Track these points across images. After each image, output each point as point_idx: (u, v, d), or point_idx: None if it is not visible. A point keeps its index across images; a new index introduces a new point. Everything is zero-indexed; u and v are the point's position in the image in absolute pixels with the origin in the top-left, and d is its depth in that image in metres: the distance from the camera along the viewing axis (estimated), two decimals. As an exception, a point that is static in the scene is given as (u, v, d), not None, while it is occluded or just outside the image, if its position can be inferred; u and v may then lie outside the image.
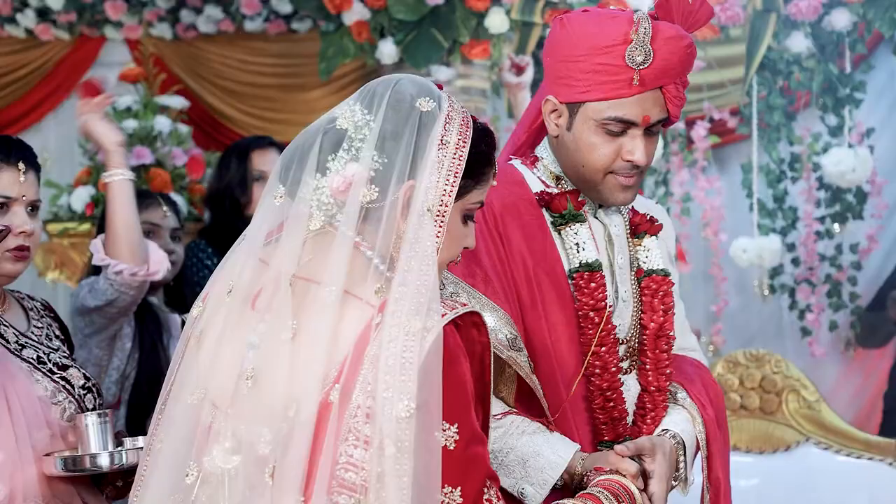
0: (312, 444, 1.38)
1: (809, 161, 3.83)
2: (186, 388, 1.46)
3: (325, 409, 1.39)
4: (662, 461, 1.82)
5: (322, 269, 1.43)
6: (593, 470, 1.78)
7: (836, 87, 3.79)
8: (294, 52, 4.63)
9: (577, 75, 1.84)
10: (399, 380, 1.37)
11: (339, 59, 4.08)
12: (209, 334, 1.48)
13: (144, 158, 3.84)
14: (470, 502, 1.41)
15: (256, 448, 1.40)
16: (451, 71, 3.97)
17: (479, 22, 3.87)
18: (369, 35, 3.96)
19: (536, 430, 1.84)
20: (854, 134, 3.78)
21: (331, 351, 1.40)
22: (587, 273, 1.86)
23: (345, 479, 1.37)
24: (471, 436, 1.42)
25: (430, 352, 1.38)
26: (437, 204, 1.46)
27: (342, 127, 1.47)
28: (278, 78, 4.69)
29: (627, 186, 1.87)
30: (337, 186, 1.45)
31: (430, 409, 1.38)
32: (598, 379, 1.85)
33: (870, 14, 3.68)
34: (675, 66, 1.84)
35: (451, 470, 1.40)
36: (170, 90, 4.29)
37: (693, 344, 2.08)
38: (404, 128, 1.46)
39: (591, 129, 1.85)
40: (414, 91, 1.49)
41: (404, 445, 1.36)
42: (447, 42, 3.89)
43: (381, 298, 1.42)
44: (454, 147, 1.47)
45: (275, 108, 4.72)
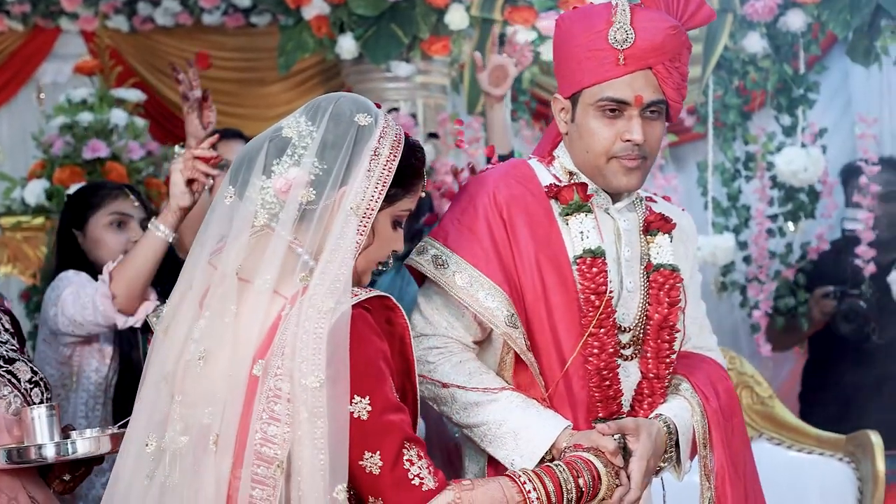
0: (244, 415, 1.58)
1: (763, 160, 3.88)
2: (152, 376, 1.66)
3: (252, 383, 1.59)
4: (646, 441, 1.91)
5: (258, 269, 1.62)
6: (572, 446, 1.86)
7: (791, 88, 3.84)
8: (253, 47, 4.60)
9: (573, 66, 1.98)
10: (311, 353, 1.55)
11: (298, 54, 4.06)
12: (172, 328, 1.67)
13: (100, 152, 3.80)
14: (390, 464, 1.59)
15: (202, 421, 1.59)
16: (411, 67, 3.97)
17: (439, 18, 3.87)
18: (329, 30, 3.95)
19: (530, 406, 1.94)
20: (807, 134, 3.84)
21: (259, 333, 1.60)
22: (589, 259, 1.97)
23: (262, 454, 1.56)
24: (384, 406, 1.60)
25: (336, 327, 1.56)
26: (363, 206, 1.65)
27: (287, 135, 1.67)
28: (237, 72, 4.67)
29: (630, 169, 1.98)
30: (280, 187, 1.64)
31: (338, 380, 1.56)
32: (596, 359, 1.94)
33: (824, 15, 3.73)
34: (660, 46, 1.94)
35: (367, 437, 1.58)
36: (126, 83, 4.25)
37: (711, 345, 2.17)
38: (343, 139, 1.66)
39: (590, 114, 1.97)
40: (354, 107, 1.69)
41: (317, 411, 1.54)
42: (407, 38, 3.88)
43: (302, 285, 1.61)
44: (385, 159, 1.68)
45: (234, 102, 4.69)
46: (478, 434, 1.96)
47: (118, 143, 3.87)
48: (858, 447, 3.05)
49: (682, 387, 2.04)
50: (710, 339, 2.17)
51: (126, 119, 3.91)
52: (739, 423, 2.07)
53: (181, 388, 1.62)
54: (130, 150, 3.89)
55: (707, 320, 2.18)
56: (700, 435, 2.00)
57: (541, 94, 4.31)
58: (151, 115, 4.38)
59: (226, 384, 1.59)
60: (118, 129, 3.89)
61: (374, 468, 1.59)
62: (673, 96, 1.97)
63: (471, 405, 1.95)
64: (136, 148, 3.89)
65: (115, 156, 3.84)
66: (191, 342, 1.63)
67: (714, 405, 2.02)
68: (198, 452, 1.59)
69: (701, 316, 2.15)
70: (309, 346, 1.56)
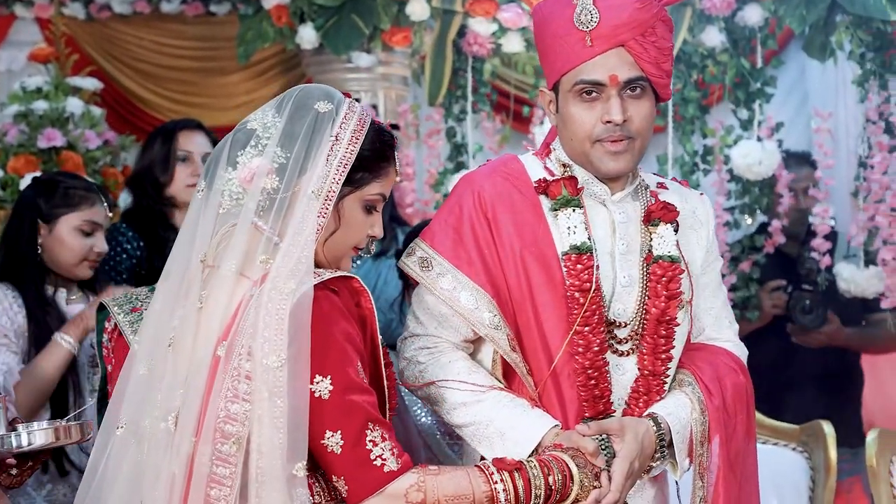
0: (206, 395, 1.61)
1: (721, 153, 3.92)
2: (137, 363, 1.70)
3: (215, 363, 1.62)
4: (632, 442, 1.87)
5: (224, 255, 1.67)
6: (551, 447, 1.84)
7: (748, 82, 3.87)
8: (212, 36, 4.56)
9: (550, 56, 1.97)
10: (273, 333, 1.59)
11: (258, 44, 4.03)
12: (150, 316, 1.74)
13: (55, 141, 3.75)
14: (351, 443, 1.61)
15: (174, 404, 1.63)
16: (372, 58, 3.95)
17: (400, 9, 3.86)
18: (289, 19, 3.92)
19: (518, 406, 1.91)
20: (764, 128, 3.88)
21: (223, 316, 1.64)
22: (574, 255, 1.93)
23: (223, 430, 1.59)
24: (346, 386, 1.62)
25: (297, 307, 1.59)
26: (323, 189, 1.68)
27: (252, 127, 1.72)
28: (196, 61, 4.62)
29: (615, 152, 1.94)
30: (244, 177, 1.69)
31: (299, 359, 1.58)
32: (581, 357, 1.92)
33: (781, 11, 3.77)
34: (627, 21, 1.91)
35: (328, 416, 1.60)
36: (82, 71, 4.19)
37: (728, 336, 2.10)
38: (302, 126, 1.70)
39: (570, 100, 1.95)
40: (316, 95, 1.74)
41: (277, 390, 1.58)
42: (368, 28, 3.86)
43: (265, 269, 1.64)
44: (346, 143, 1.71)
45: (193, 91, 4.65)
46: (467, 434, 1.94)
47: (74, 133, 3.82)
48: (811, 437, 3.10)
49: (686, 381, 1.99)
50: (728, 331, 2.10)
51: (82, 108, 3.86)
52: (744, 419, 2.01)
53: (159, 375, 1.66)
54: (87, 139, 3.83)
55: (727, 311, 2.11)
56: (698, 433, 1.95)
57: (502, 86, 4.32)
58: (108, 104, 4.33)
59: (190, 366, 1.63)
60: (74, 117, 3.84)
61: (335, 447, 1.61)
62: (652, 71, 1.93)
63: (459, 405, 1.93)
64: (92, 137, 3.84)
65: (70, 145, 3.79)
66: (163, 330, 1.68)
67: (717, 402, 1.97)
68: (166, 435, 1.63)
69: (718, 306, 2.09)
70: (271, 327, 1.59)
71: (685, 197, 2.07)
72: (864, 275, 3.82)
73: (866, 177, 3.86)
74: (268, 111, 1.74)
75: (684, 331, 2.00)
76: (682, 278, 1.99)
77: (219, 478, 1.59)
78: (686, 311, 2.00)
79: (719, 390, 1.99)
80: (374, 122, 1.78)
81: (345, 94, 1.78)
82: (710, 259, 2.09)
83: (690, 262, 2.03)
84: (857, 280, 3.83)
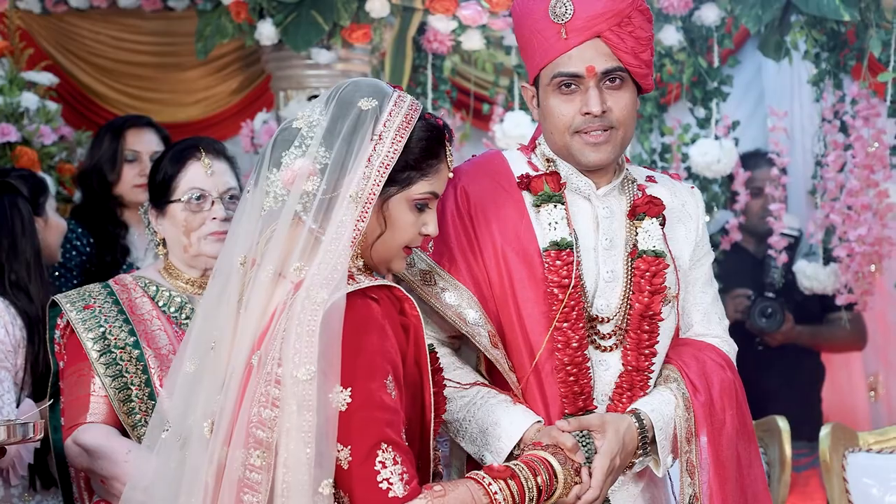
0: (238, 402, 1.59)
1: (679, 151, 3.95)
2: (185, 359, 1.68)
3: (249, 371, 1.60)
4: (613, 438, 1.87)
5: (265, 257, 1.64)
6: (531, 444, 1.83)
7: (705, 81, 3.91)
8: (171, 31, 4.51)
9: (528, 51, 1.96)
10: (304, 345, 1.55)
11: (216, 39, 4.00)
12: (197, 315, 1.72)
13: (10, 136, 3.70)
14: (359, 461, 1.56)
15: (210, 409, 1.62)
16: (332, 54, 3.94)
17: (359, 6, 3.85)
18: (248, 15, 3.90)
19: (500, 402, 1.92)
20: (721, 126, 3.92)
21: (259, 322, 1.61)
22: (554, 251, 1.93)
23: (256, 436, 1.57)
24: (366, 401, 1.56)
25: (327, 319, 1.55)
26: (364, 193, 1.62)
27: (297, 126, 1.67)
28: (154, 56, 4.56)
29: (595, 143, 1.93)
30: (287, 178, 1.64)
31: (329, 373, 1.55)
32: (561, 353, 1.91)
33: (737, 10, 3.81)
34: (602, 12, 1.90)
35: (341, 430, 1.56)
36: (38, 66, 4.13)
37: (718, 332, 2.09)
38: (344, 125, 1.64)
39: (550, 94, 1.95)
40: (361, 91, 1.67)
41: (306, 404, 1.54)
42: (327, 25, 3.85)
43: (300, 276, 1.60)
44: (390, 142, 1.64)
45: (151, 87, 4.60)
46: (452, 429, 1.95)
47: (29, 128, 3.77)
48: (767, 432, 3.13)
49: (672, 377, 1.98)
50: (717, 327, 2.09)
51: (37, 103, 3.81)
52: (734, 416, 2.00)
53: (202, 376, 1.65)
54: (42, 134, 3.79)
55: (717, 306, 2.10)
56: (682, 430, 1.94)
57: (462, 83, 4.32)
58: (64, 99, 4.27)
59: (227, 370, 1.61)
60: (29, 112, 3.79)
61: (343, 462, 1.57)
62: (630, 62, 1.91)
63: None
64: (47, 132, 3.80)
65: (25, 140, 3.74)
66: (207, 330, 1.67)
67: (703, 398, 1.96)
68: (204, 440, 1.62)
69: (708, 301, 2.07)
70: (302, 338, 1.55)
71: (674, 191, 2.06)
72: (824, 272, 3.88)
73: (822, 175, 3.92)
74: (315, 108, 1.68)
75: (670, 326, 2.00)
76: (668, 273, 1.98)
77: (252, 483, 1.56)
78: (672, 307, 1.99)
79: (706, 386, 1.98)
80: (424, 116, 1.71)
81: (395, 87, 1.71)
82: (700, 254, 2.08)
83: (678, 256, 2.02)
84: (817, 277, 3.89)
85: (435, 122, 1.72)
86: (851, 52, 3.88)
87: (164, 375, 2.17)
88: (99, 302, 2.24)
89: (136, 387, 2.18)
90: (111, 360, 2.19)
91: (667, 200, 2.02)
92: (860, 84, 3.80)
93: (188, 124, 4.41)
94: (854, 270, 3.76)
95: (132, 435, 2.18)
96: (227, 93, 4.53)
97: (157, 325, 2.23)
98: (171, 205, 2.26)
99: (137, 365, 2.19)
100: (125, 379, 2.18)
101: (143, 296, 2.26)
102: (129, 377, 2.18)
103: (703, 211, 2.10)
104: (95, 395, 2.19)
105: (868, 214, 3.73)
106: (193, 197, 2.25)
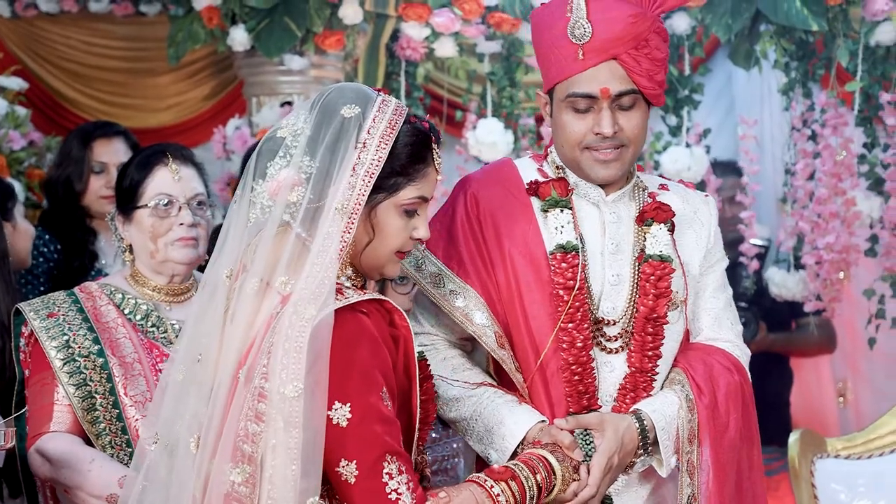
0: (224, 416, 1.58)
1: (651, 159, 3.97)
2: (175, 368, 1.67)
3: (235, 385, 1.59)
4: (612, 437, 1.91)
5: (250, 269, 1.63)
6: (531, 443, 1.88)
7: (677, 89, 3.94)
8: (142, 36, 4.49)
9: (545, 63, 2.00)
10: (292, 361, 1.54)
11: (188, 45, 3.98)
12: (187, 324, 1.71)
13: (-23, 141, 3.66)
14: (364, 474, 1.56)
15: (196, 422, 1.61)
16: (305, 60, 3.93)
17: (332, 12, 3.84)
18: (220, 21, 3.88)
19: (506, 402, 1.97)
20: (692, 134, 3.94)
21: (246, 335, 1.60)
22: (560, 254, 1.97)
23: (242, 451, 1.56)
24: (365, 414, 1.57)
25: (315, 335, 1.54)
26: (348, 203, 1.60)
27: (281, 136, 1.65)
28: (126, 62, 4.54)
29: (605, 161, 1.98)
30: (272, 189, 1.62)
31: (316, 390, 1.54)
32: (566, 353, 1.96)
33: (707, 19, 3.84)
34: (620, 35, 1.91)
35: (345, 445, 1.56)
36: (7, 70, 4.10)
37: (729, 336, 2.11)
38: (328, 133, 1.62)
39: (563, 109, 1.98)
40: (344, 98, 1.65)
41: (293, 420, 1.53)
42: (300, 31, 3.84)
43: (285, 290, 1.58)
44: (374, 150, 1.62)
45: (122, 92, 4.57)
46: (460, 428, 2.00)
47: (-2, 133, 3.73)
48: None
49: (677, 380, 2.02)
50: (729, 332, 2.12)
51: (6, 108, 3.77)
52: (738, 419, 2.02)
53: (189, 387, 1.64)
54: (11, 139, 3.75)
55: (729, 311, 2.12)
56: (685, 431, 1.97)
57: (435, 90, 4.32)
58: (34, 104, 4.23)
59: (214, 383, 1.60)
60: (-2, 117, 3.76)
61: (349, 477, 1.57)
62: (644, 84, 1.94)
63: (452, 400, 1.99)
64: (16, 138, 3.76)
65: (-7, 146, 3.71)
66: (194, 341, 1.66)
67: (707, 401, 1.99)
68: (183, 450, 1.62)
69: (719, 307, 2.10)
70: (290, 354, 1.54)
71: (687, 198, 2.10)
72: (794, 279, 3.92)
73: (791, 183, 3.95)
74: (300, 116, 1.66)
75: (678, 330, 2.04)
76: (675, 278, 2.02)
77: (240, 496, 1.56)
78: (680, 311, 2.03)
79: (711, 389, 2.01)
80: (410, 120, 1.69)
81: (379, 91, 1.70)
82: (712, 260, 2.11)
83: (687, 262, 2.06)
84: (787, 284, 3.93)
85: (421, 125, 1.71)
86: (820, 61, 3.92)
87: (129, 384, 2.15)
88: (63, 310, 2.22)
89: (100, 395, 2.15)
90: (75, 369, 2.16)
91: (678, 207, 2.06)
92: (828, 93, 3.85)
93: (160, 130, 4.38)
94: (823, 278, 3.80)
95: (96, 444, 2.15)
96: (199, 98, 4.51)
97: (122, 334, 2.20)
98: (137, 210, 2.24)
99: (102, 373, 2.16)
100: (89, 387, 2.15)
101: (108, 304, 2.24)
102: (93, 385, 2.15)
103: (717, 219, 2.14)
104: (59, 404, 2.16)
105: (836, 222, 3.77)
106: (161, 203, 2.23)
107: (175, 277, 2.27)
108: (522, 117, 4.02)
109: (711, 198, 2.17)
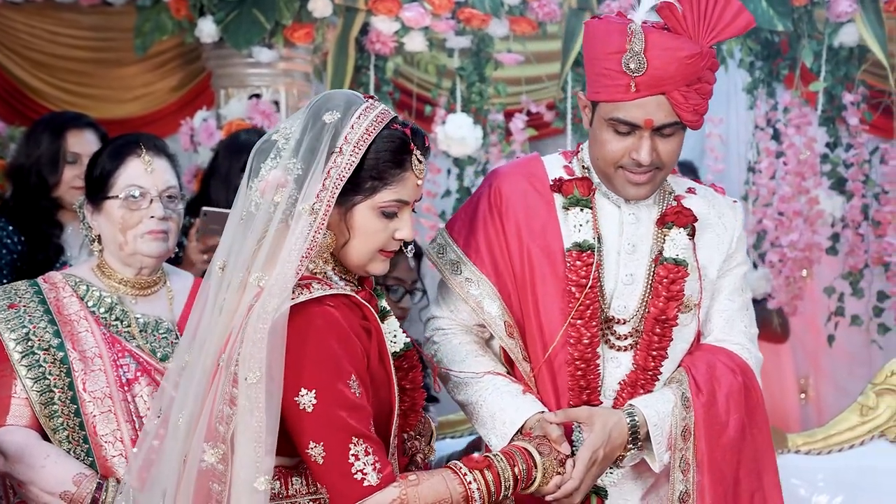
0: (204, 398, 1.71)
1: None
2: (183, 352, 1.80)
3: (216, 371, 1.71)
4: (599, 431, 1.96)
5: (236, 263, 1.75)
6: (521, 435, 1.95)
7: (644, 87, 3.96)
8: (109, 26, 4.44)
9: (592, 76, 2.03)
10: (257, 350, 1.67)
11: (156, 36, 3.95)
12: (193, 311, 1.82)
13: (-61, 130, 3.61)
14: (333, 456, 1.68)
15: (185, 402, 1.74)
16: (274, 53, 3.92)
17: (302, 5, 3.83)
18: (188, 12, 3.86)
19: (510, 391, 2.04)
20: (658, 131, 3.97)
21: (228, 325, 1.72)
22: (576, 252, 2.03)
23: (216, 431, 1.69)
24: (330, 400, 1.68)
25: (273, 327, 1.67)
26: (317, 205, 1.71)
27: (275, 139, 1.77)
28: (92, 52, 4.48)
29: (638, 183, 2.02)
30: (262, 188, 1.74)
31: (272, 377, 1.66)
32: (573, 348, 2.02)
33: (676, 17, 3.86)
34: (673, 74, 1.94)
35: (312, 428, 1.69)
36: (-30, 59, 4.04)
37: (740, 339, 2.13)
38: (310, 137, 1.73)
39: (604, 126, 2.01)
40: (329, 104, 1.76)
41: (254, 404, 1.66)
42: (269, 23, 3.83)
43: (260, 285, 1.70)
44: (349, 155, 1.73)
45: (88, 82, 4.52)
46: (467, 412, 2.08)
47: (-40, 122, 3.68)
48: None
49: (676, 378, 2.06)
50: (740, 334, 2.13)
51: (-31, 97, 3.73)
52: (739, 420, 2.04)
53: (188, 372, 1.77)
54: (-26, 129, 3.71)
55: (745, 315, 2.15)
56: (678, 428, 2.00)
57: (404, 84, 4.32)
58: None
59: (198, 372, 1.72)
60: (-40, 107, 3.70)
61: (318, 458, 1.69)
62: (688, 118, 1.98)
63: (462, 384, 2.07)
64: (-21, 127, 3.71)
65: (-44, 135, 3.66)
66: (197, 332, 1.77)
67: (705, 399, 2.02)
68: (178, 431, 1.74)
69: (733, 309, 2.13)
70: (256, 344, 1.67)
71: (713, 203, 2.14)
72: (754, 276, 3.96)
73: (755, 181, 4.00)
74: (295, 119, 1.78)
75: (690, 332, 2.08)
76: (690, 281, 2.06)
77: (217, 473, 1.68)
78: (693, 314, 2.07)
79: (711, 389, 2.04)
80: (391, 126, 1.77)
81: (367, 98, 1.79)
82: (732, 264, 2.15)
83: (705, 266, 2.10)
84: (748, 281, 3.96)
85: (402, 131, 1.78)
86: (785, 61, 3.97)
87: (88, 379, 2.12)
88: (24, 301, 2.18)
89: (58, 389, 2.11)
90: (34, 362, 2.13)
91: (702, 211, 2.11)
92: (792, 93, 3.90)
93: (126, 121, 4.34)
94: (785, 275, 3.85)
95: (53, 439, 2.12)
96: (167, 90, 4.47)
97: (83, 327, 2.16)
98: (107, 201, 2.21)
99: (61, 367, 2.13)
100: (48, 381, 2.12)
101: (71, 295, 2.20)
102: (51, 380, 2.11)
103: (742, 224, 2.18)
104: (17, 398, 2.12)
105: (799, 220, 3.83)
106: (132, 194, 2.20)
107: (143, 270, 2.25)
108: (491, 113, 4.03)
109: (739, 203, 2.22)
